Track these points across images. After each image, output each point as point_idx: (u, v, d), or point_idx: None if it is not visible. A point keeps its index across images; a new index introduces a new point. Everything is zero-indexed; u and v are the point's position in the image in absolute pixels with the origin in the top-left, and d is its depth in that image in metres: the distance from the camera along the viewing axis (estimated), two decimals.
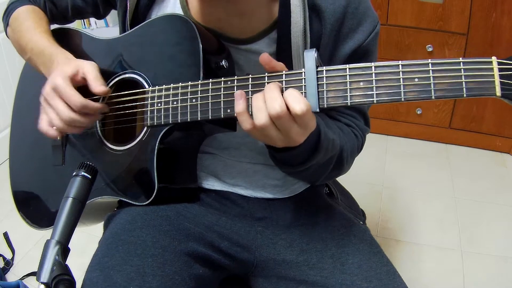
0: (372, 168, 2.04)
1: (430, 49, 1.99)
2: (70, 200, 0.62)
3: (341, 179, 0.99)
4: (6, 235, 1.68)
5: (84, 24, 2.36)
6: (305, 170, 0.68)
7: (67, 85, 0.70)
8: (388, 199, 1.89)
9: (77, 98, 0.70)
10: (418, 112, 2.17)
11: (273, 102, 0.55)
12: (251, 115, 0.59)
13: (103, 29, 2.32)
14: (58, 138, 0.84)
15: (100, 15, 0.91)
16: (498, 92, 0.50)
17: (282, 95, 0.56)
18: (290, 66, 0.71)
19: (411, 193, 1.91)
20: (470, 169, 2.06)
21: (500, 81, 0.50)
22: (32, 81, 0.90)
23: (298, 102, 0.55)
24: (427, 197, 1.89)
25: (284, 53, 0.71)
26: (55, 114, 0.72)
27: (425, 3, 1.91)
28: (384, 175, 2.03)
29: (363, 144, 0.81)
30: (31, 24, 0.83)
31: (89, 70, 0.73)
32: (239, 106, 0.59)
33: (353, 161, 0.80)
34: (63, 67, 0.73)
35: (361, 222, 0.89)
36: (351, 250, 0.77)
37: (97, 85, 0.72)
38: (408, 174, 2.03)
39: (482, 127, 2.13)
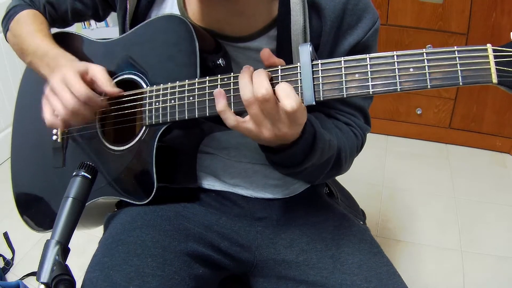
0: (372, 168, 2.04)
1: (430, 49, 1.99)
2: (70, 200, 0.62)
3: (341, 179, 0.99)
4: (6, 235, 1.68)
5: (84, 24, 2.36)
6: (303, 171, 0.68)
7: (76, 77, 0.71)
8: (388, 199, 1.89)
9: (84, 89, 0.71)
10: (418, 112, 2.17)
11: (259, 85, 0.56)
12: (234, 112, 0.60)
13: (103, 29, 2.32)
14: (59, 138, 0.84)
15: (100, 18, 0.91)
16: (494, 79, 0.50)
17: (272, 83, 0.57)
18: (290, 64, 0.71)
19: (411, 193, 1.91)
20: (470, 169, 2.06)
21: (496, 68, 0.50)
22: (34, 84, 0.90)
23: (289, 98, 0.55)
24: (427, 197, 1.89)
25: (284, 51, 0.71)
26: (60, 103, 0.72)
27: (425, 3, 1.91)
28: (384, 175, 2.03)
29: (363, 143, 0.81)
30: (33, 28, 0.84)
31: (100, 72, 0.74)
32: (220, 104, 0.60)
33: (353, 161, 0.80)
34: (73, 63, 0.74)
35: (361, 222, 0.89)
36: (351, 250, 0.77)
37: (110, 86, 0.74)
38: (408, 174, 2.03)
39: (482, 127, 2.12)
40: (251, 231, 0.82)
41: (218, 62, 0.70)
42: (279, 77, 0.59)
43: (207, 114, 0.65)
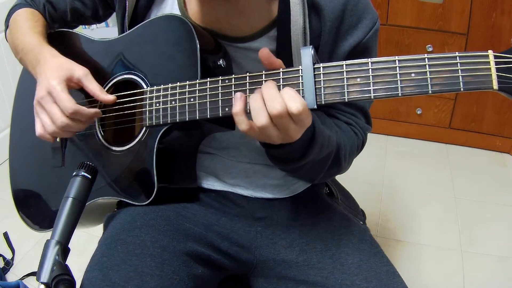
0: (372, 168, 2.04)
1: (430, 49, 1.99)
2: (70, 200, 0.62)
3: (341, 179, 0.99)
4: (6, 235, 1.68)
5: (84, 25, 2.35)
6: (302, 167, 0.68)
7: (61, 90, 0.71)
8: (388, 199, 1.89)
9: (69, 104, 0.70)
10: (418, 112, 2.17)
11: (273, 102, 0.55)
12: (248, 114, 0.59)
13: (103, 29, 2.32)
14: (58, 140, 0.84)
15: (100, 18, 0.91)
16: (495, 85, 0.50)
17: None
18: (290, 64, 0.71)
19: (411, 193, 1.91)
20: (470, 169, 2.06)
21: (497, 75, 0.50)
22: (31, 82, 0.90)
23: (294, 101, 0.55)
24: (427, 197, 1.89)
25: (284, 51, 0.71)
26: (48, 119, 0.73)
27: (425, 3, 1.91)
28: (384, 175, 2.03)
29: (364, 142, 0.81)
30: (26, 25, 0.84)
31: (86, 78, 0.74)
32: (237, 107, 0.59)
33: (353, 160, 0.80)
34: (56, 71, 0.73)
35: (361, 222, 0.89)
36: (351, 250, 0.77)
37: (103, 95, 0.74)
38: (408, 174, 2.03)
39: (482, 127, 2.12)
40: (251, 231, 0.82)
41: (218, 63, 0.70)
42: (281, 80, 0.59)
43: (208, 116, 0.65)
